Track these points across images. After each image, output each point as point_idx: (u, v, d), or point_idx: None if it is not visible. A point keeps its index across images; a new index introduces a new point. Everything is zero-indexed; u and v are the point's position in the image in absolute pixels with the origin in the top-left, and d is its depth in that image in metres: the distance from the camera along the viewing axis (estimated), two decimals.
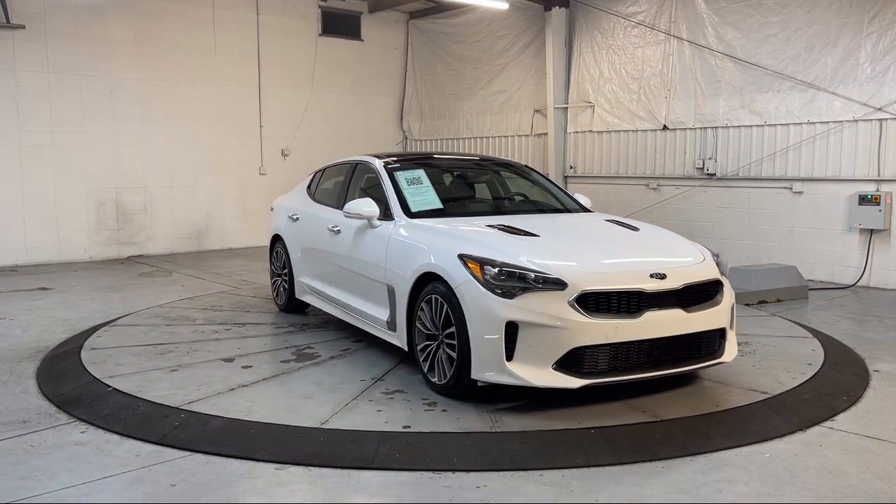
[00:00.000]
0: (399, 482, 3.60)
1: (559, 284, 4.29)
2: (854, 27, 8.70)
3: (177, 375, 5.12)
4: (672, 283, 4.49)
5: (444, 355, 4.63)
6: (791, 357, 5.62)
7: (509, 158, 10.00)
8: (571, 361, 4.27)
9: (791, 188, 9.40)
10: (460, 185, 6.47)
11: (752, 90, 9.62)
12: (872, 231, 8.73)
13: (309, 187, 7.22)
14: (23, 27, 10.31)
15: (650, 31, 10.73)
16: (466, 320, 4.39)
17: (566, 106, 11.96)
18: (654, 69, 10.71)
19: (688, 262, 4.82)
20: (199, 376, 5.10)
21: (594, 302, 4.32)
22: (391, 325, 5.25)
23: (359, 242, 5.70)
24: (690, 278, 4.61)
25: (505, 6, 11.48)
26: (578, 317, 4.24)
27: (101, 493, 3.47)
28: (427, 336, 4.81)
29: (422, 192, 5.69)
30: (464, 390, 4.55)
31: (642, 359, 4.45)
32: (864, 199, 8.66)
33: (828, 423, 4.35)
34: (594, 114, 11.60)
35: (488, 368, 4.34)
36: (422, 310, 4.82)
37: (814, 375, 5.16)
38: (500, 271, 4.36)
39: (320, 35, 13.45)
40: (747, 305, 7.51)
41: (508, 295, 4.28)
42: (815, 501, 3.41)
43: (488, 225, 5.15)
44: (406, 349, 5.10)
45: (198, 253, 12.06)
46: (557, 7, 11.65)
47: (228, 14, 12.26)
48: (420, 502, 3.40)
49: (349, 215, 5.67)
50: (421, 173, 5.89)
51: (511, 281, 4.32)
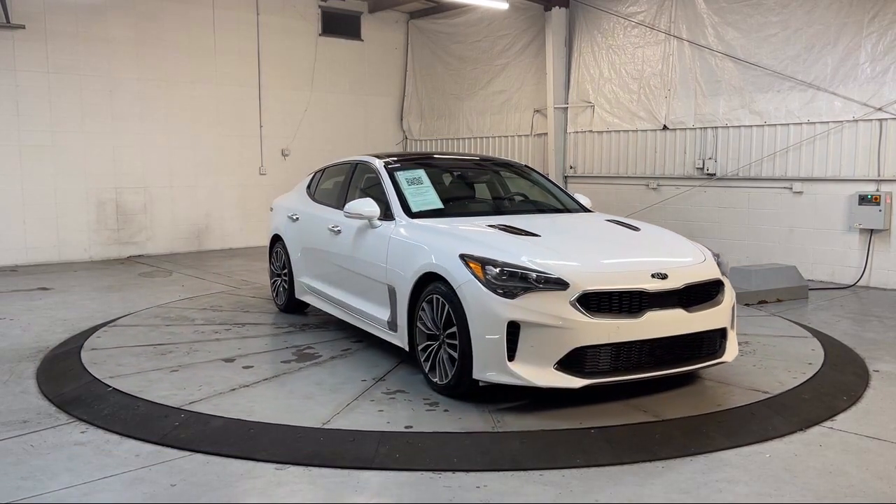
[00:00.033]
0: (399, 482, 3.60)
1: (561, 284, 4.29)
2: (854, 27, 8.70)
3: (177, 376, 5.12)
4: (673, 283, 4.49)
5: (446, 355, 4.63)
6: (791, 357, 5.62)
7: (509, 158, 10.00)
8: (573, 361, 4.27)
9: (791, 188, 9.41)
10: (460, 186, 6.47)
11: (752, 90, 9.62)
12: (872, 231, 8.73)
13: (308, 187, 7.22)
14: (23, 27, 10.31)
15: (650, 31, 10.73)
16: (468, 320, 4.39)
17: (566, 106, 11.96)
18: (654, 69, 10.71)
19: (689, 262, 4.82)
20: (200, 376, 5.10)
21: (596, 302, 4.32)
22: (392, 326, 5.25)
23: (359, 242, 5.70)
24: (691, 278, 4.61)
25: (505, 6, 11.48)
26: (580, 317, 4.25)
27: (101, 493, 3.47)
28: (428, 336, 4.81)
29: (422, 192, 5.68)
30: (465, 390, 4.55)
31: (644, 359, 4.45)
32: (864, 199, 8.66)
33: (828, 423, 4.35)
34: (594, 114, 11.60)
35: (490, 368, 4.34)
36: (423, 310, 4.82)
37: (814, 375, 5.16)
38: (502, 271, 4.36)
39: (320, 35, 13.45)
40: (747, 305, 7.52)
41: (510, 295, 4.28)
42: (815, 501, 3.41)
43: (489, 225, 5.15)
44: (407, 349, 5.10)
45: (198, 253, 12.06)
46: (557, 7, 11.65)
47: (228, 14, 12.26)
48: (420, 502, 3.41)
49: (350, 215, 5.66)
50: (421, 173, 5.89)
51: (513, 281, 4.32)
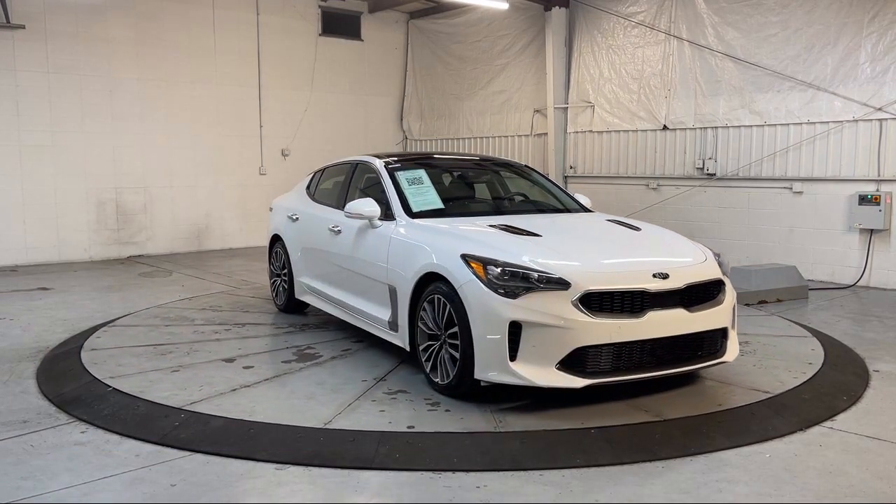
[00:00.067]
0: (399, 482, 3.60)
1: (562, 284, 4.29)
2: (854, 27, 8.70)
3: (178, 376, 5.12)
4: (675, 283, 4.49)
5: (447, 355, 4.63)
6: (791, 357, 5.62)
7: (509, 158, 10.00)
8: (575, 361, 4.27)
9: (791, 188, 9.41)
10: (461, 186, 6.47)
11: (752, 90, 9.62)
12: (872, 231, 8.73)
13: (308, 187, 7.21)
14: (23, 27, 10.31)
15: (650, 31, 10.73)
16: (470, 320, 4.39)
17: (566, 106, 11.96)
18: (654, 69, 10.71)
19: (690, 262, 4.83)
20: (201, 377, 5.10)
21: (598, 302, 4.32)
22: (393, 326, 5.25)
23: (360, 242, 5.70)
24: (693, 278, 4.61)
25: (505, 6, 11.48)
26: (582, 316, 4.25)
27: (101, 493, 3.47)
28: (429, 336, 4.81)
29: (423, 192, 5.68)
30: (467, 390, 4.55)
31: (645, 358, 4.45)
32: (864, 199, 8.66)
33: (828, 423, 4.35)
34: (594, 114, 11.60)
35: (492, 368, 4.34)
36: (424, 310, 4.81)
37: (814, 375, 5.16)
38: (504, 271, 4.36)
39: (320, 35, 13.45)
40: (747, 305, 7.51)
41: (512, 295, 4.28)
42: (815, 501, 3.41)
43: (490, 225, 5.15)
44: (408, 349, 5.09)
45: (198, 253, 12.06)
46: (557, 7, 11.65)
47: (228, 14, 12.26)
48: (420, 502, 3.41)
49: (350, 215, 5.66)
50: (422, 173, 5.88)
51: (514, 281, 4.32)
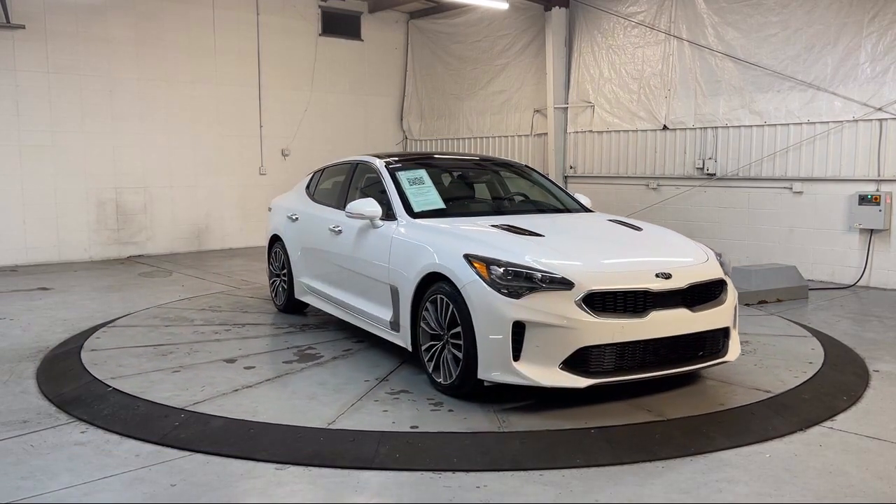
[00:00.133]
0: (399, 482, 3.60)
1: (566, 284, 4.29)
2: (854, 27, 8.70)
3: (179, 376, 5.12)
4: (677, 283, 4.49)
5: (450, 355, 4.63)
6: (792, 356, 5.62)
7: (509, 158, 10.01)
8: (578, 361, 4.27)
9: (791, 188, 9.41)
10: (461, 186, 6.46)
11: (752, 90, 9.62)
12: (872, 231, 8.73)
13: (308, 187, 7.21)
14: (23, 27, 10.31)
15: (650, 31, 10.73)
16: (473, 320, 4.39)
17: (566, 106, 11.96)
18: (654, 69, 10.71)
19: (692, 262, 4.83)
20: (202, 377, 5.10)
21: (601, 301, 4.32)
22: (394, 326, 5.25)
23: (361, 243, 5.69)
24: (695, 278, 4.62)
25: (505, 6, 11.48)
26: (585, 316, 4.25)
27: (101, 493, 3.47)
28: (432, 336, 4.81)
29: (424, 192, 5.68)
30: (470, 390, 4.55)
31: (648, 358, 4.45)
32: (864, 199, 8.66)
33: (828, 423, 4.35)
34: (594, 114, 11.60)
35: (495, 368, 4.34)
36: (426, 310, 4.81)
37: (814, 375, 5.16)
38: (507, 271, 4.36)
39: (320, 35, 13.45)
40: (747, 305, 7.51)
41: (515, 295, 4.28)
42: (815, 501, 3.41)
43: (492, 225, 5.15)
44: (410, 349, 5.09)
45: (198, 253, 12.06)
46: (557, 7, 11.65)
47: (228, 14, 12.26)
48: (420, 502, 3.41)
49: (351, 215, 5.65)
50: (423, 173, 5.88)
51: (517, 281, 4.32)
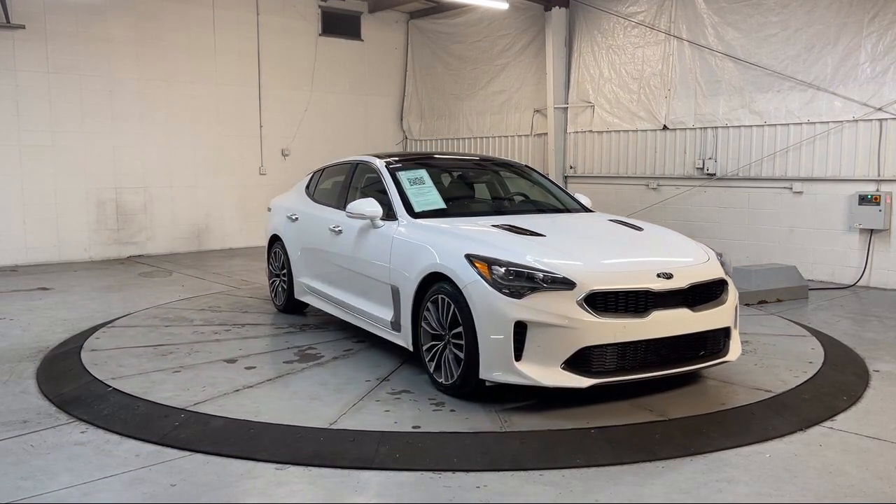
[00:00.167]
0: (399, 482, 3.60)
1: (567, 284, 4.29)
2: (854, 27, 8.70)
3: (180, 377, 5.11)
4: (678, 283, 4.49)
5: (451, 355, 4.63)
6: (792, 356, 5.62)
7: (509, 158, 10.01)
8: (580, 361, 4.28)
9: (791, 188, 9.41)
10: (461, 186, 6.47)
11: (752, 90, 9.62)
12: (872, 231, 8.73)
13: (307, 187, 7.21)
14: (23, 27, 10.31)
15: (650, 31, 10.73)
16: (474, 320, 4.39)
17: (566, 106, 11.96)
18: (654, 69, 10.71)
19: (693, 262, 4.83)
20: (203, 377, 5.09)
21: (602, 301, 4.32)
22: (395, 326, 5.25)
23: (361, 243, 5.69)
24: (696, 278, 4.62)
25: (505, 6, 11.48)
26: (587, 316, 4.25)
27: (101, 493, 3.47)
28: (433, 336, 4.81)
29: (424, 192, 5.68)
30: (471, 390, 4.55)
31: (650, 358, 4.46)
32: (864, 199, 8.66)
33: (828, 423, 4.35)
34: (594, 114, 11.60)
35: (496, 368, 4.34)
36: (428, 310, 4.81)
37: (814, 375, 5.16)
38: (508, 271, 4.36)
39: (320, 35, 13.45)
40: (747, 305, 7.51)
41: (516, 295, 4.28)
42: (815, 501, 3.41)
43: (493, 225, 5.15)
44: (411, 349, 5.09)
45: (198, 253, 12.06)
46: (557, 7, 11.65)
47: (228, 14, 12.26)
48: (420, 502, 3.41)
49: (352, 215, 5.65)
50: (423, 173, 5.88)
51: (519, 281, 4.32)
